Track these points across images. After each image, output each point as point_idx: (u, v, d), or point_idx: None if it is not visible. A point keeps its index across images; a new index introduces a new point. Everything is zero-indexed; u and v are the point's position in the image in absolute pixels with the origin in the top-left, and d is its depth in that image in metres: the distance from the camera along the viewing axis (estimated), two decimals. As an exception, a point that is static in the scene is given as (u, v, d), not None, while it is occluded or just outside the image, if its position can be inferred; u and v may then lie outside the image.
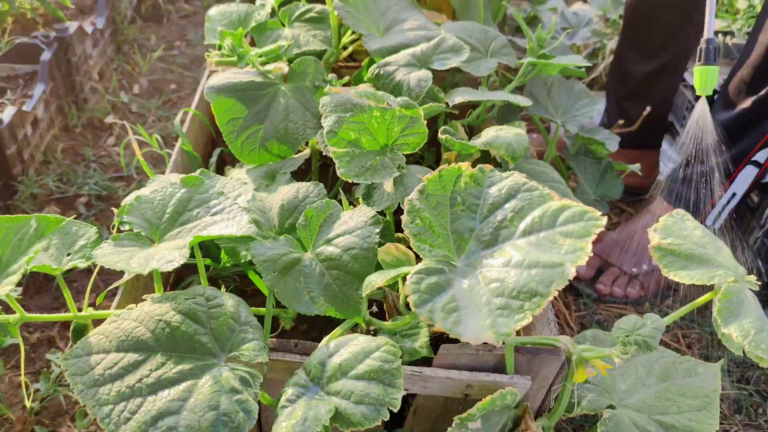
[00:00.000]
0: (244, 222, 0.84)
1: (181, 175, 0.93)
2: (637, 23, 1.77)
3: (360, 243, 0.89)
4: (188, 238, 0.82)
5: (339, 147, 0.98)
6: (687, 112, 2.05)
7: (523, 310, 0.69)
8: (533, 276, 0.70)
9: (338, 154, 0.98)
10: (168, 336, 0.78)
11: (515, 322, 0.68)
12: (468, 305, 0.71)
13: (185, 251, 0.78)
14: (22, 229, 0.81)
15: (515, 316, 0.68)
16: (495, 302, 0.70)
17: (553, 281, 0.70)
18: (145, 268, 0.76)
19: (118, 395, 0.73)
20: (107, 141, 2.09)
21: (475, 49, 1.28)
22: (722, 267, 0.89)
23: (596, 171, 1.51)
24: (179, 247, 0.80)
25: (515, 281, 0.71)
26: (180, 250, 0.79)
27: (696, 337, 1.55)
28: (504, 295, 0.71)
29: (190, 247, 0.80)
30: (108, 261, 0.78)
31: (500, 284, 0.72)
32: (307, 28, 1.30)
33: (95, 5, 2.39)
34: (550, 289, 0.70)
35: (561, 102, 1.42)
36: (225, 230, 0.82)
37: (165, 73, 2.49)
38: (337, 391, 0.74)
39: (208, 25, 1.37)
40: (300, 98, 1.18)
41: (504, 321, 0.69)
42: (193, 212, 0.88)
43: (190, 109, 1.32)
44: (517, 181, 0.79)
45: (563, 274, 0.70)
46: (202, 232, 0.83)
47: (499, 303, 0.70)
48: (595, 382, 0.98)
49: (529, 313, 0.68)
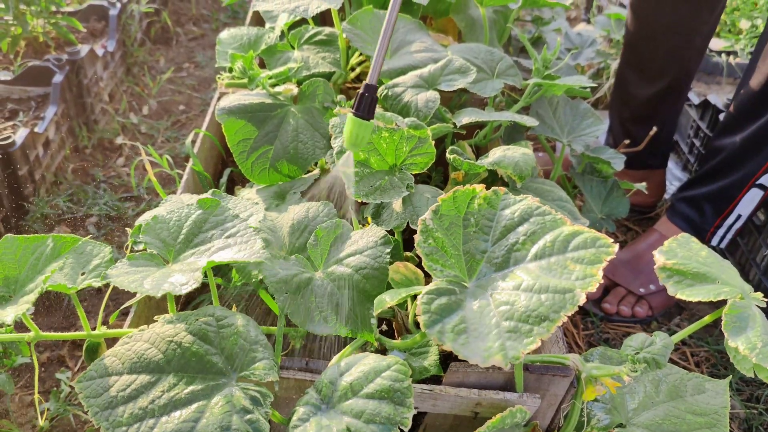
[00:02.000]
0: (257, 248, 0.85)
1: (194, 196, 0.94)
2: (638, 46, 1.78)
3: (371, 263, 0.90)
4: (202, 262, 0.83)
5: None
6: (692, 132, 2.06)
7: (532, 335, 0.70)
8: (543, 301, 0.71)
9: (348, 174, 0.99)
10: (179, 357, 0.79)
11: (524, 345, 0.69)
12: (477, 327, 0.72)
13: (198, 275, 0.79)
14: (38, 248, 0.83)
15: (524, 340, 0.69)
16: (504, 325, 0.71)
17: (563, 307, 0.71)
18: (158, 291, 0.77)
19: (131, 417, 0.74)
20: (117, 162, 2.11)
21: (481, 70, 1.29)
22: (728, 284, 0.90)
23: (602, 190, 1.51)
24: (193, 270, 0.81)
25: (525, 305, 0.72)
26: (193, 273, 0.80)
27: (704, 355, 1.55)
28: (513, 319, 0.71)
29: (203, 272, 0.81)
30: (122, 281, 0.79)
31: (510, 307, 0.73)
32: (316, 51, 1.32)
33: (106, 28, 2.43)
34: (559, 314, 0.70)
35: (567, 122, 1.43)
36: (237, 255, 0.83)
37: (174, 94, 2.52)
38: (348, 410, 0.74)
39: (219, 48, 1.39)
40: (309, 119, 1.19)
41: (513, 344, 0.69)
42: (207, 234, 0.90)
43: (201, 130, 1.34)
44: (531, 204, 0.80)
45: (573, 300, 0.71)
46: (215, 256, 0.84)
47: (508, 326, 0.71)
48: (605, 401, 0.99)
49: (538, 338, 0.69)
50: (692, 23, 1.65)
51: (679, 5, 1.63)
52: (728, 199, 1.56)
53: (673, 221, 1.68)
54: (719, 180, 1.58)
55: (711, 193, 1.60)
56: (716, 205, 1.59)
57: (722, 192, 1.57)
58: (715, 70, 2.32)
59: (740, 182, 1.52)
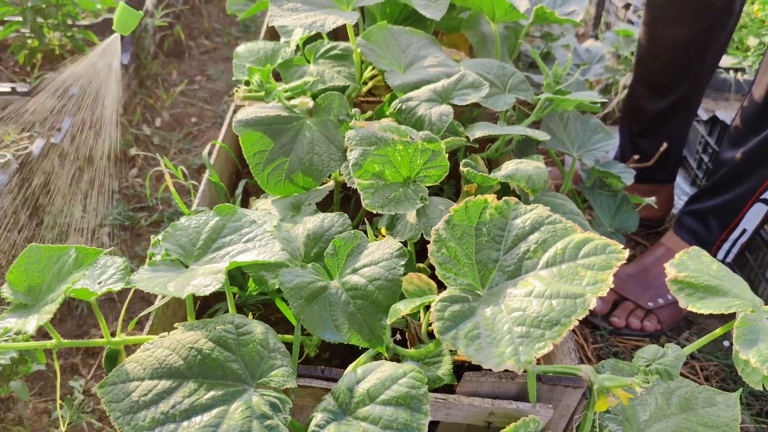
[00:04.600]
0: (276, 249, 0.87)
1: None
2: (650, 62, 1.80)
3: (385, 274, 0.91)
4: (224, 264, 0.85)
5: (364, 179, 1.02)
6: (700, 147, 2.08)
7: (544, 339, 0.71)
8: (554, 306, 0.73)
9: (363, 186, 1.01)
10: (200, 363, 0.80)
11: (536, 350, 0.70)
12: (490, 333, 0.73)
13: (221, 276, 0.81)
14: (62, 258, 0.84)
15: (536, 345, 0.71)
16: (517, 330, 0.73)
17: (574, 311, 0.72)
18: (183, 292, 0.79)
19: (153, 421, 0.75)
20: (130, 172, 2.14)
21: (493, 85, 1.31)
22: (740, 298, 0.91)
23: (612, 204, 1.53)
24: (214, 272, 0.83)
25: (537, 310, 0.73)
26: (215, 275, 0.82)
27: (714, 369, 1.55)
28: (525, 324, 0.73)
29: (226, 272, 0.83)
30: (146, 285, 0.81)
31: (522, 313, 0.74)
32: (331, 65, 1.35)
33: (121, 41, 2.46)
34: (570, 318, 0.72)
35: (577, 136, 1.45)
36: (260, 256, 0.85)
37: (186, 106, 2.56)
38: (366, 417, 0.76)
39: (236, 62, 1.41)
40: (325, 132, 1.21)
41: (525, 349, 0.71)
42: (226, 239, 0.92)
43: (218, 142, 1.36)
44: (541, 213, 0.82)
45: (584, 304, 0.72)
46: (236, 258, 0.86)
47: (520, 331, 0.72)
48: (616, 412, 0.99)
49: (549, 342, 0.70)
50: (705, 40, 1.67)
51: (692, 23, 1.65)
52: (733, 213, 1.57)
53: (679, 235, 1.69)
54: (724, 194, 1.59)
55: (716, 207, 1.61)
56: (721, 219, 1.60)
57: (727, 206, 1.58)
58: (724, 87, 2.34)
59: (744, 196, 1.53)
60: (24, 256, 0.86)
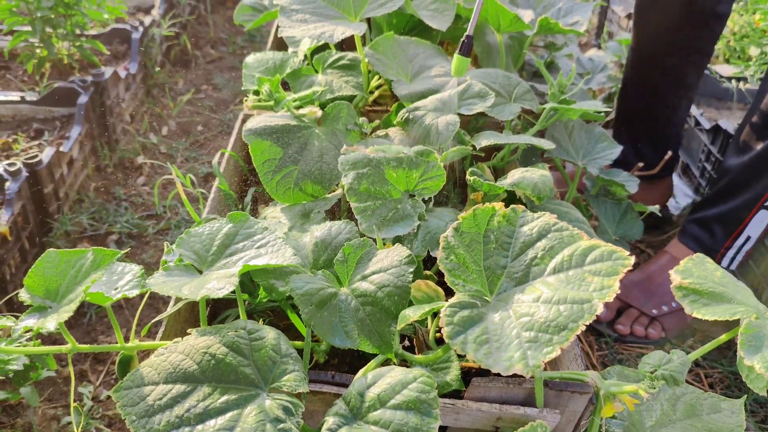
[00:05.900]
0: (289, 254, 0.89)
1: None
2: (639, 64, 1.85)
3: (394, 281, 0.93)
4: (237, 267, 0.87)
5: (360, 202, 1.03)
6: (703, 156, 2.10)
7: (552, 344, 0.72)
8: (562, 311, 0.74)
9: (359, 210, 1.02)
10: (213, 368, 0.81)
11: (544, 354, 0.72)
12: (499, 338, 0.75)
13: (234, 279, 0.83)
14: (78, 261, 0.86)
15: (544, 349, 0.72)
16: (525, 335, 0.74)
17: (581, 317, 0.73)
18: (197, 295, 0.81)
19: (168, 425, 0.76)
20: (138, 180, 2.16)
21: (499, 95, 1.33)
22: (744, 304, 0.92)
23: (616, 212, 1.54)
24: (228, 276, 0.84)
25: (545, 316, 0.75)
26: (229, 279, 0.83)
27: (718, 377, 1.56)
28: (534, 329, 0.74)
29: (239, 275, 0.84)
30: (161, 288, 0.83)
31: (530, 318, 0.76)
32: (339, 75, 1.37)
33: (128, 51, 2.49)
34: (578, 323, 0.73)
35: (582, 145, 1.46)
36: (273, 261, 0.87)
37: (193, 115, 2.58)
38: (376, 421, 0.77)
39: (246, 72, 1.44)
40: (333, 140, 1.23)
41: (533, 353, 0.72)
42: (239, 245, 0.93)
43: (227, 151, 1.38)
44: (548, 221, 0.83)
45: (591, 309, 0.74)
46: (250, 262, 0.88)
47: (528, 336, 0.74)
48: (622, 418, 1.00)
49: (557, 346, 0.72)
50: (692, 42, 1.72)
51: (679, 25, 1.70)
52: (737, 221, 1.58)
53: (683, 243, 1.70)
54: (728, 201, 1.60)
55: (720, 214, 1.62)
56: (726, 227, 1.61)
57: (731, 213, 1.59)
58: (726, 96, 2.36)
59: (748, 204, 1.55)
60: (41, 261, 0.88)
